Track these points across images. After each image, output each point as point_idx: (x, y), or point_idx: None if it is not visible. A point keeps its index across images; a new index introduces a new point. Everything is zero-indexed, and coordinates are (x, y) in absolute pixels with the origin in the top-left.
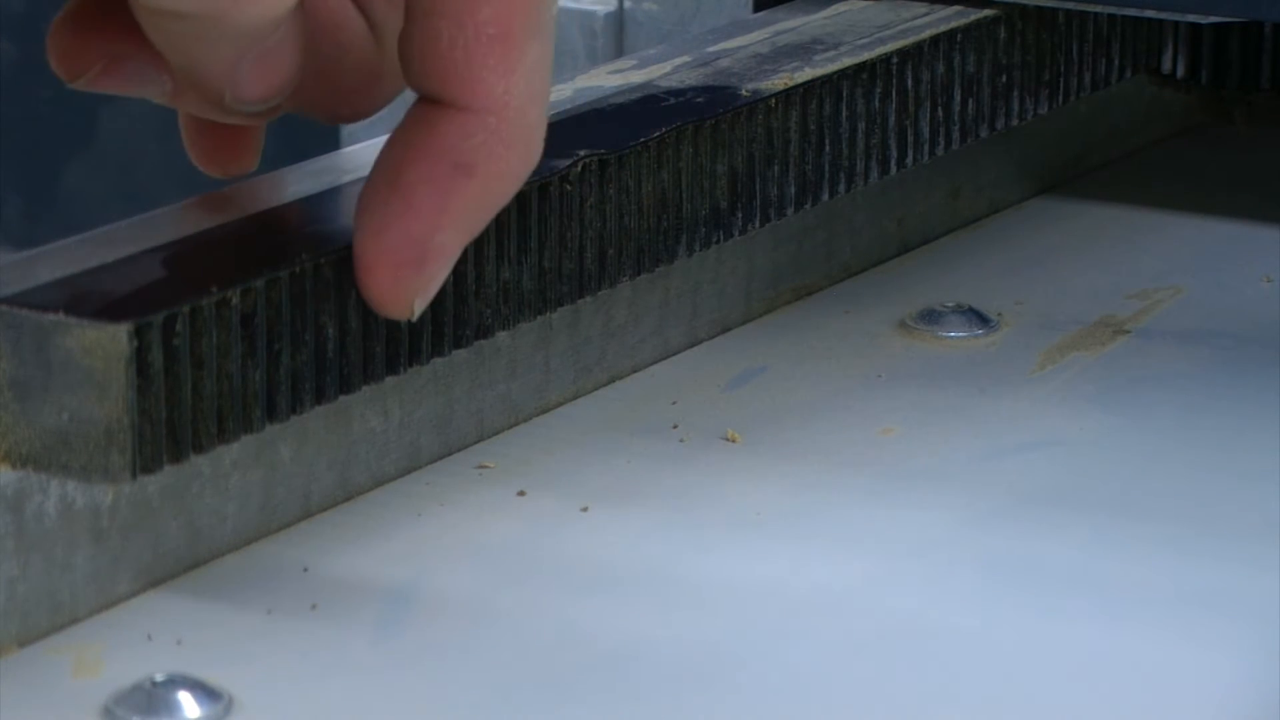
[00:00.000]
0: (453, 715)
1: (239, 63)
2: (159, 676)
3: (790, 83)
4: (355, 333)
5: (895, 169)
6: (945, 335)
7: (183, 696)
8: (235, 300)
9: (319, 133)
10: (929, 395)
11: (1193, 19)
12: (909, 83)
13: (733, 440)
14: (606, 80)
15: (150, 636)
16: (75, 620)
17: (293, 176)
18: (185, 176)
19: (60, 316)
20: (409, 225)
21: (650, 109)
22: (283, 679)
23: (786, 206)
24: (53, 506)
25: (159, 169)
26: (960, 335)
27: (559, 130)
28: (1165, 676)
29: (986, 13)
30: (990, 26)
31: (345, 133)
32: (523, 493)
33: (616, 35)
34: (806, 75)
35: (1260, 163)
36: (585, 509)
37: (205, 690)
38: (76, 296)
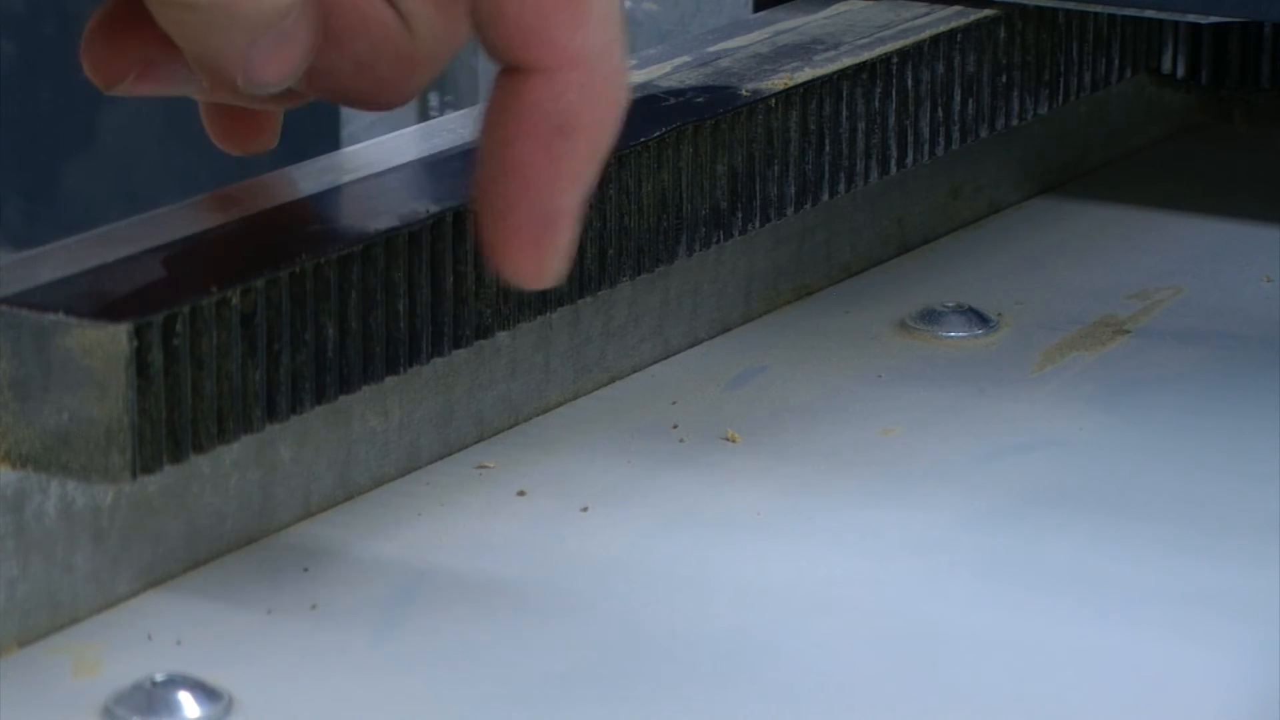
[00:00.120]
0: (452, 715)
1: (251, 49)
2: (159, 676)
3: (790, 83)
4: (355, 333)
5: (895, 169)
6: (945, 335)
7: (183, 696)
8: (235, 300)
9: (319, 133)
10: (929, 395)
11: (1193, 19)
12: (909, 83)
13: (733, 440)
14: None
15: (150, 636)
16: (75, 620)
17: (293, 176)
18: (185, 176)
19: (60, 316)
20: (530, 201)
21: (650, 109)
22: (283, 679)
23: (786, 206)
24: (53, 506)
25: (159, 169)
26: (960, 335)
27: None
28: (1165, 676)
29: (986, 13)
30: (990, 26)
31: (345, 133)
32: (523, 493)
33: None
34: (806, 75)
35: (1260, 163)
36: (585, 509)
37: (205, 690)
38: (76, 296)
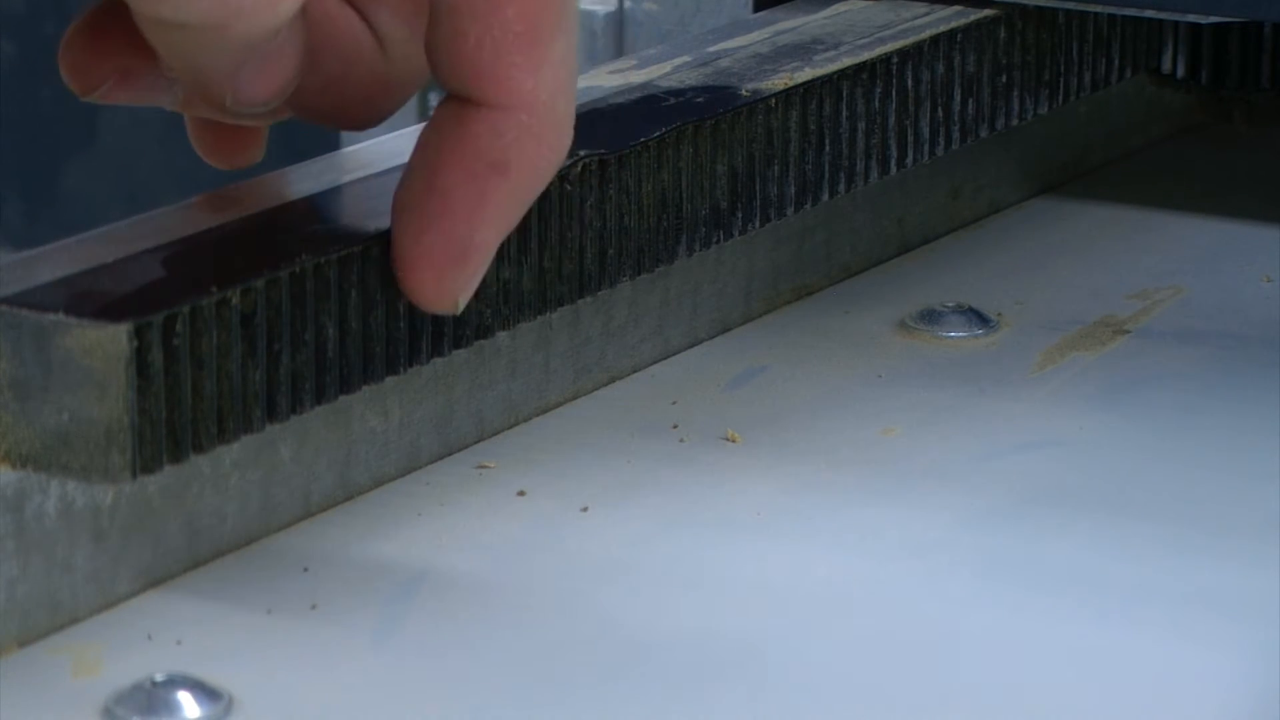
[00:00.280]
0: (452, 715)
1: (240, 68)
2: (159, 676)
3: (790, 83)
4: (355, 333)
5: (895, 169)
6: (945, 335)
7: (183, 696)
8: (235, 300)
9: (319, 133)
10: (929, 395)
11: (1193, 19)
12: (909, 83)
13: (733, 440)
14: (606, 80)
15: (150, 636)
16: (75, 620)
17: (293, 176)
18: (185, 176)
19: (60, 316)
20: (449, 226)
21: (650, 109)
22: (283, 679)
23: (786, 206)
24: (53, 506)
25: (159, 169)
26: (960, 335)
27: None
28: (1165, 676)
29: (986, 13)
30: (990, 26)
31: (345, 133)
32: (523, 493)
33: (616, 35)
34: (806, 75)
35: (1260, 163)
36: (585, 509)
37: (205, 690)
38: (76, 296)
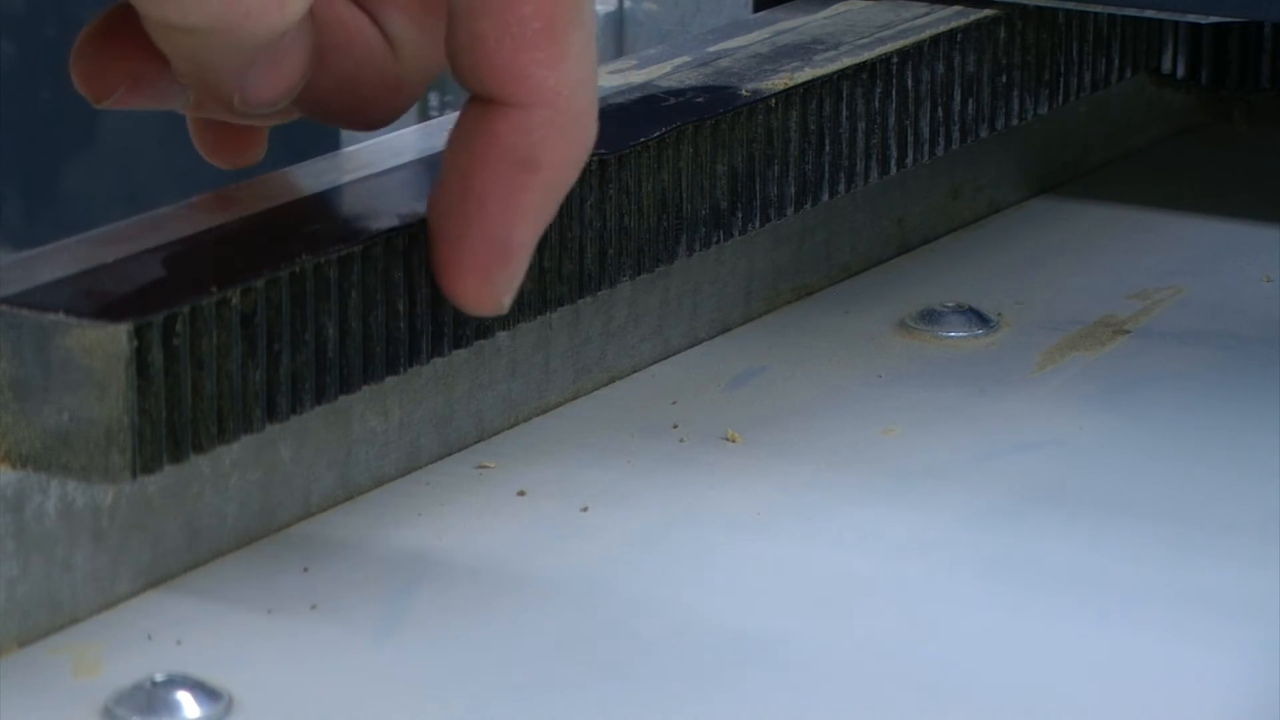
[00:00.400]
0: (452, 715)
1: (248, 70)
2: (159, 676)
3: (790, 83)
4: (355, 333)
5: (895, 169)
6: (945, 335)
7: (183, 696)
8: (235, 300)
9: (319, 133)
10: (929, 395)
11: (1193, 19)
12: (909, 83)
13: (733, 440)
14: (606, 80)
15: (150, 636)
16: (75, 620)
17: (293, 176)
18: (185, 176)
19: (60, 316)
20: (486, 229)
21: (650, 109)
22: (283, 679)
23: (786, 206)
24: (53, 506)
25: (159, 169)
26: (960, 335)
27: None
28: (1165, 676)
29: (986, 13)
30: (990, 26)
31: (345, 133)
32: (523, 493)
33: (616, 35)
34: (806, 75)
35: (1260, 163)
36: (585, 509)
37: (205, 690)
38: (76, 296)
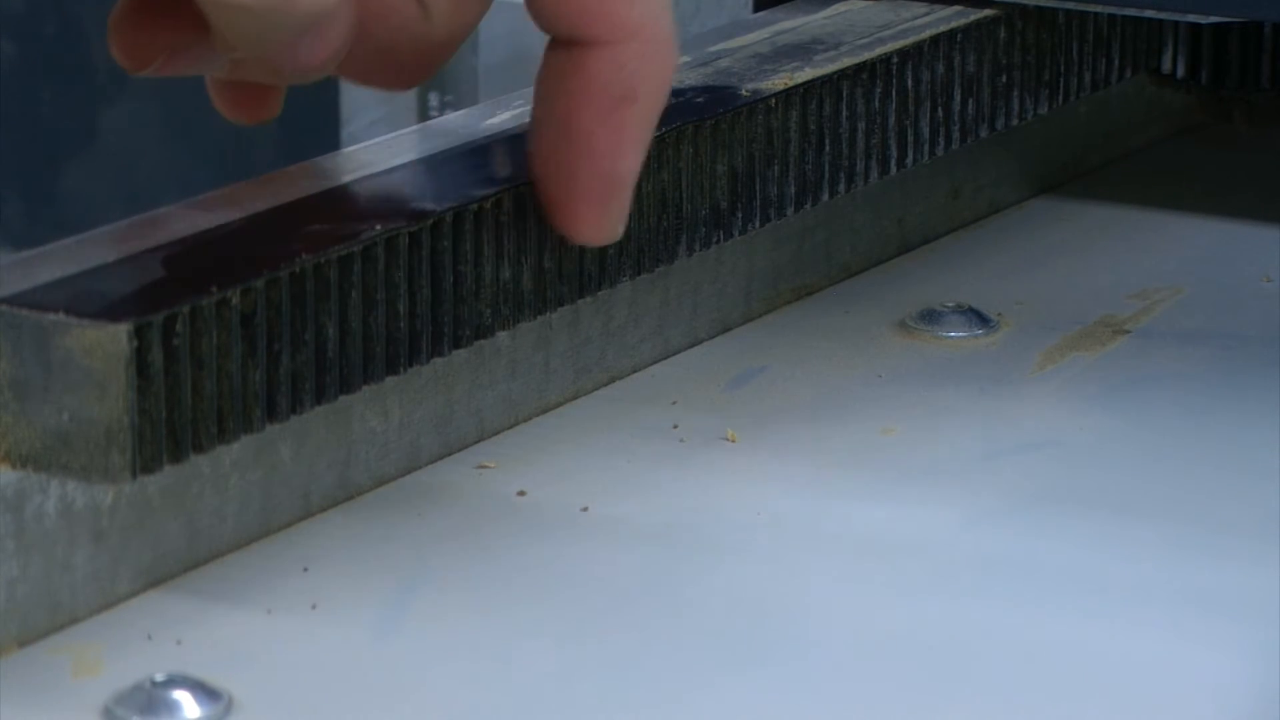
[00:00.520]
0: (452, 714)
1: (300, 39)
2: (159, 676)
3: (790, 83)
4: (355, 333)
5: (895, 169)
6: (945, 335)
7: (183, 696)
8: (235, 300)
9: (319, 133)
10: (929, 395)
11: (1193, 19)
12: (909, 83)
13: (733, 440)
14: None
15: (150, 636)
16: (75, 620)
17: (293, 176)
18: (185, 176)
19: (60, 316)
20: (595, 165)
21: None
22: (283, 679)
23: (786, 206)
24: (53, 506)
25: (159, 169)
26: (960, 335)
27: None
28: (1165, 676)
29: (986, 13)
30: (990, 26)
31: (345, 133)
32: (523, 493)
33: None
34: (806, 75)
35: (1260, 163)
36: (585, 509)
37: (205, 690)
38: (76, 296)
